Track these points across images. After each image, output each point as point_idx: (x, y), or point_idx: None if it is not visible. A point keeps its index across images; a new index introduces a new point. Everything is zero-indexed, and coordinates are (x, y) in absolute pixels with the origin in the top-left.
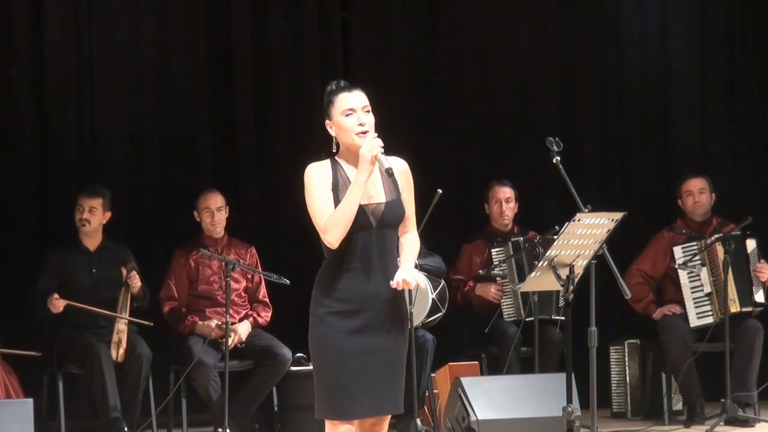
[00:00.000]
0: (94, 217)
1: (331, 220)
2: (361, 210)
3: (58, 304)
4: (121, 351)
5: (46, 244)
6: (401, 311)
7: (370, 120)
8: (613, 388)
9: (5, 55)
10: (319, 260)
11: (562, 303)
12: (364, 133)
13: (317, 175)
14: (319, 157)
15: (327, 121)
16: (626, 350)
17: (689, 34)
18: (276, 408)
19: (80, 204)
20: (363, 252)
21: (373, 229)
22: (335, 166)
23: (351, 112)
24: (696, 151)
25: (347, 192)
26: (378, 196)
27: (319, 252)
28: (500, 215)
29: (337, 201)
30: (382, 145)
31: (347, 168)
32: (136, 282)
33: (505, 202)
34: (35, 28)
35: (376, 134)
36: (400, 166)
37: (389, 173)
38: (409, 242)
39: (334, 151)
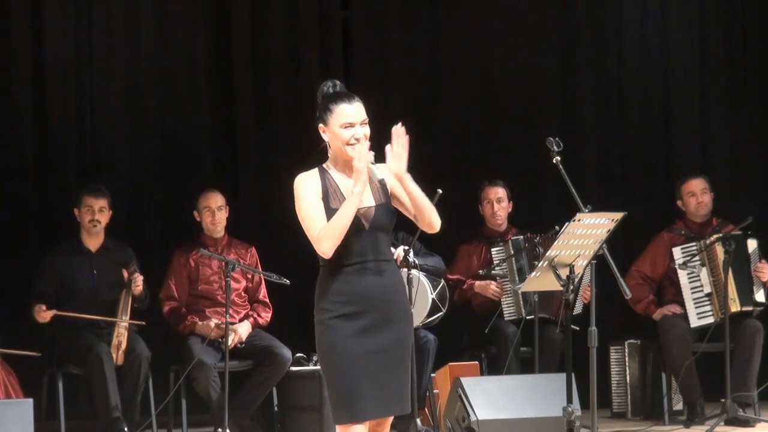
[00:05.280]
0: (103, 217)
1: (324, 231)
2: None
3: (45, 315)
4: (121, 353)
5: (46, 244)
6: (403, 303)
7: (366, 133)
8: (613, 388)
9: (5, 55)
10: (318, 260)
11: (579, 311)
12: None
13: (307, 185)
14: (310, 165)
15: (321, 125)
16: (626, 350)
17: (689, 34)
18: (276, 408)
19: (88, 205)
20: (358, 254)
21: (365, 232)
22: (323, 174)
23: (350, 126)
24: (696, 151)
25: (344, 204)
26: (368, 200)
27: None
28: (492, 216)
29: (327, 209)
30: (372, 156)
31: (336, 175)
32: (138, 284)
33: (496, 202)
34: (35, 27)
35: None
36: (386, 172)
37: (382, 184)
38: None
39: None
